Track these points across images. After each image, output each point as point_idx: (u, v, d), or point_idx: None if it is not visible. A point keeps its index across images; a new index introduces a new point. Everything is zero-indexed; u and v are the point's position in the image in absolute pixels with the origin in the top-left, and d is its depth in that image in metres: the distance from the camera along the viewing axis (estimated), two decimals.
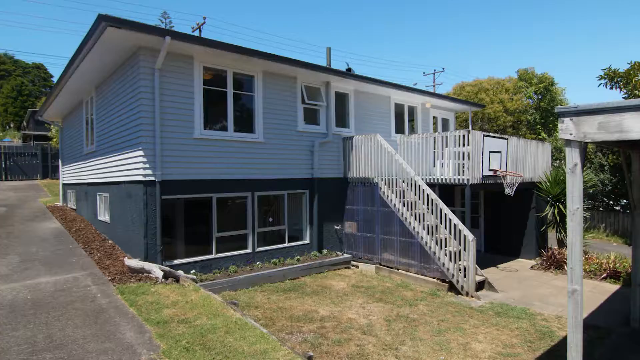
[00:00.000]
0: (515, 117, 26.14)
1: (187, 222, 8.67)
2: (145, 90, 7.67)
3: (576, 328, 3.84)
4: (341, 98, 11.57)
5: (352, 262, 10.49)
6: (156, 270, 6.88)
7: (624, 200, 17.04)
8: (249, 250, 9.20)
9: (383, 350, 5.37)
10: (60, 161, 16.44)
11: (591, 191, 17.40)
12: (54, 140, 24.13)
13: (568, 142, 3.83)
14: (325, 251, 10.50)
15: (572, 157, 3.82)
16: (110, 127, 9.39)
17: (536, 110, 28.14)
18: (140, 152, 7.63)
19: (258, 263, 9.15)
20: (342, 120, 11.56)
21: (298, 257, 9.85)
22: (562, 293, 8.29)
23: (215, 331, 4.85)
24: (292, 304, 7.26)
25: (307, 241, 10.40)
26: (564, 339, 5.67)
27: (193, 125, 8.31)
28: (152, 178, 7.68)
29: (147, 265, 7.02)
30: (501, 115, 25.32)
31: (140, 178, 7.63)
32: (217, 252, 8.65)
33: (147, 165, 7.64)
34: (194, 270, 8.07)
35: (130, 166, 8.12)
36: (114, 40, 7.30)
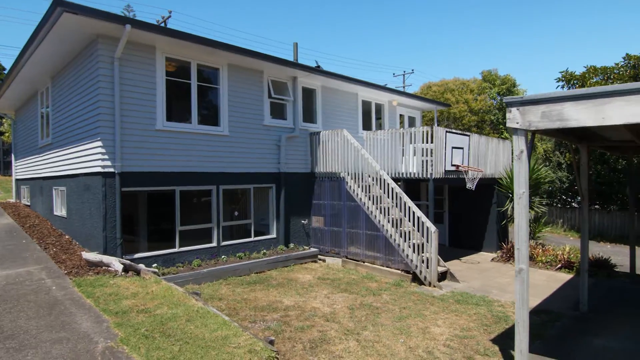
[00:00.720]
0: (480, 116, 27.04)
1: (150, 215, 8.49)
2: (104, 80, 7.46)
3: (522, 304, 4.05)
4: (308, 94, 11.63)
5: (319, 256, 10.56)
6: (115, 263, 6.70)
7: (578, 197, 17.93)
8: (214, 244, 9.10)
9: (345, 335, 5.45)
10: (13, 156, 15.68)
11: (548, 187, 18.21)
12: (6, 135, 22.96)
13: (515, 130, 4.04)
14: (292, 245, 10.52)
15: (519, 144, 4.03)
16: (67, 118, 9.06)
17: (499, 111, 29.22)
18: (99, 143, 7.41)
19: (223, 257, 9.06)
20: (309, 115, 11.62)
21: (264, 251, 9.83)
22: None
23: (176, 319, 4.79)
24: (256, 295, 7.25)
25: (274, 235, 10.39)
26: None
27: (155, 116, 8.15)
28: (112, 169, 7.48)
29: (105, 259, 6.82)
30: (466, 114, 26.13)
31: (99, 169, 7.41)
32: (180, 246, 8.50)
33: (106, 157, 7.43)
34: (156, 264, 7.90)
35: (88, 157, 7.87)
36: (71, 27, 7.06)
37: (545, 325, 6.13)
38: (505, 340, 5.46)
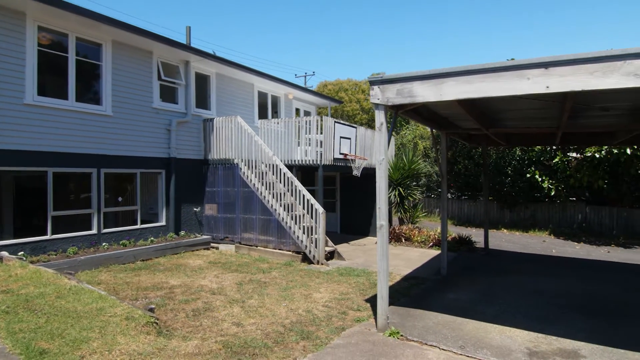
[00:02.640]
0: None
1: (16, 198, 7.66)
2: None
3: (383, 256, 4.66)
4: (202, 79, 11.47)
5: (212, 244, 10.50)
6: None
7: (452, 190, 20.32)
8: (94, 231, 8.51)
9: (229, 304, 5.63)
10: None
11: (426, 180, 20.35)
12: None
13: (376, 106, 4.63)
14: (183, 233, 10.29)
15: (379, 117, 4.64)
16: None
17: None
18: None
19: (104, 244, 8.52)
20: (203, 101, 11.46)
21: (152, 239, 9.46)
22: (398, 258, 9.66)
23: (44, 297, 4.50)
24: (140, 279, 7.02)
25: (163, 223, 10.06)
26: (390, 286, 6.71)
27: (24, 89, 7.38)
28: None
29: None
30: (358, 113, 27.90)
31: None
32: (53, 233, 7.80)
33: None
34: (22, 252, 7.16)
35: None
36: None
37: (412, 288, 7.01)
38: (377, 299, 6.13)
